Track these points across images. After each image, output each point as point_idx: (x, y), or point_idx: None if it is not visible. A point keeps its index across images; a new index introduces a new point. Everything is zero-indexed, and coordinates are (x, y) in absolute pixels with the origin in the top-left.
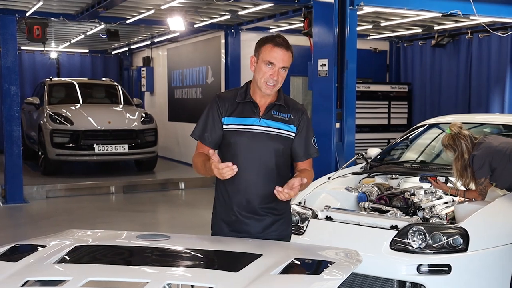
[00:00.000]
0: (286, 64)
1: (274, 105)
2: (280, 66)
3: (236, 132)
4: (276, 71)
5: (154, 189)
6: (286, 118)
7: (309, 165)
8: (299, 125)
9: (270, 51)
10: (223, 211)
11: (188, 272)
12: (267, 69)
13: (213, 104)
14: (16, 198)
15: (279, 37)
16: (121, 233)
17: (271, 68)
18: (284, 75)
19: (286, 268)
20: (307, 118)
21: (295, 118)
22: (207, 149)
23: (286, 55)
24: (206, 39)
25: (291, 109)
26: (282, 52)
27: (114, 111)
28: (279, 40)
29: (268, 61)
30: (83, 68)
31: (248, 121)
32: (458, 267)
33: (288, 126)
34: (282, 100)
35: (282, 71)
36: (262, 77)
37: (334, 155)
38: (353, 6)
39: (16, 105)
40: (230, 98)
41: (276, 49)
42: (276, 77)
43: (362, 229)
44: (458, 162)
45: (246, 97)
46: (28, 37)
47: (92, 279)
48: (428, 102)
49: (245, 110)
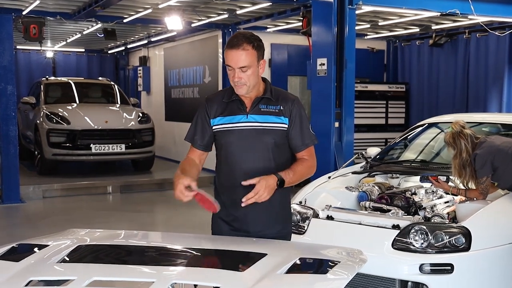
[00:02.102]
0: (243, 63)
1: (261, 99)
2: (237, 67)
3: (225, 132)
4: (236, 72)
5: (151, 189)
6: (275, 110)
7: (308, 154)
8: (291, 115)
9: (226, 54)
10: (222, 210)
11: (194, 271)
12: (229, 71)
13: (202, 107)
14: (12, 198)
15: (234, 37)
16: (122, 232)
17: (232, 70)
18: (250, 73)
19: (292, 268)
20: (299, 106)
21: (286, 109)
22: (197, 154)
23: (240, 54)
24: (203, 38)
25: (281, 101)
26: (235, 53)
27: (111, 110)
28: (232, 41)
29: (227, 65)
30: (79, 68)
31: (235, 119)
32: (461, 266)
33: (278, 118)
34: (269, 93)
35: (244, 71)
36: (230, 80)
37: (333, 155)
38: (352, 5)
39: (12, 104)
40: (218, 99)
41: (229, 52)
42: (238, 78)
43: (363, 229)
44: (456, 160)
45: (232, 96)
46: (25, 36)
47: (97, 278)
48: (425, 101)
49: (232, 108)
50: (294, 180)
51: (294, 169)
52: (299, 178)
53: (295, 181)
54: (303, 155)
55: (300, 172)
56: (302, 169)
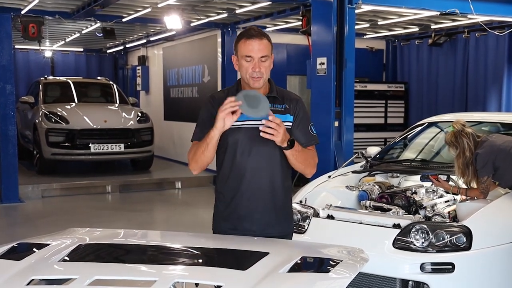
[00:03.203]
0: (264, 52)
1: (268, 98)
2: (259, 57)
3: (233, 130)
4: (257, 62)
5: (150, 188)
6: (281, 108)
7: (311, 149)
8: (296, 113)
9: (245, 45)
10: (224, 210)
11: (196, 270)
12: (247, 63)
13: (208, 104)
14: (11, 198)
15: (251, 29)
16: (123, 231)
17: (250, 61)
18: (267, 65)
19: (294, 267)
20: (303, 106)
21: (291, 107)
22: None
23: (261, 44)
24: (203, 37)
25: (286, 99)
26: (256, 43)
27: (110, 110)
28: (250, 32)
29: (246, 55)
30: (77, 67)
31: (243, 117)
32: (462, 265)
33: (284, 116)
34: (275, 92)
35: (263, 61)
36: (246, 72)
37: (333, 154)
38: (351, 5)
39: (11, 104)
40: (223, 97)
41: (250, 41)
42: (258, 68)
43: (364, 228)
44: (460, 160)
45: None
46: (24, 36)
47: (98, 277)
48: (425, 101)
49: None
50: (299, 155)
51: (302, 147)
52: (302, 157)
53: (298, 157)
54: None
55: (305, 153)
56: (307, 152)
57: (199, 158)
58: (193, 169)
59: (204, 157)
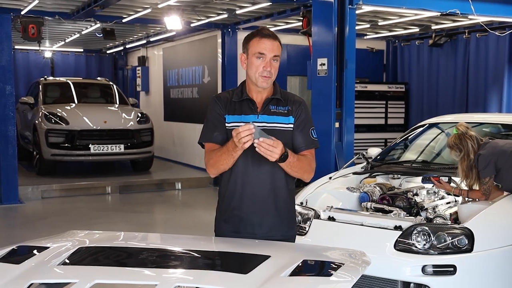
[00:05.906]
0: (276, 52)
1: (272, 100)
2: (271, 56)
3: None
4: (268, 61)
5: (150, 189)
6: (284, 111)
7: (309, 154)
8: (298, 115)
9: (258, 43)
10: (226, 212)
11: (197, 274)
12: (259, 61)
13: (214, 104)
14: (11, 199)
15: (264, 29)
16: (124, 234)
17: (262, 60)
18: (277, 66)
19: (296, 270)
20: (305, 109)
21: (293, 109)
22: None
23: (274, 44)
24: (203, 38)
25: (289, 101)
26: (270, 42)
27: (109, 110)
28: (265, 32)
29: (259, 53)
30: (77, 68)
31: (247, 119)
32: (464, 267)
33: (286, 118)
34: (278, 94)
35: (274, 61)
36: (256, 71)
37: (333, 155)
38: (352, 5)
39: (11, 104)
40: (227, 98)
41: (264, 40)
42: (269, 67)
43: (365, 230)
44: (464, 162)
45: (242, 95)
46: (23, 36)
47: (99, 281)
48: (425, 102)
49: (243, 108)
50: (293, 165)
51: (297, 156)
52: (298, 166)
53: (294, 167)
54: (305, 154)
55: (300, 161)
56: (303, 160)
57: (220, 166)
58: (212, 174)
59: (226, 166)
